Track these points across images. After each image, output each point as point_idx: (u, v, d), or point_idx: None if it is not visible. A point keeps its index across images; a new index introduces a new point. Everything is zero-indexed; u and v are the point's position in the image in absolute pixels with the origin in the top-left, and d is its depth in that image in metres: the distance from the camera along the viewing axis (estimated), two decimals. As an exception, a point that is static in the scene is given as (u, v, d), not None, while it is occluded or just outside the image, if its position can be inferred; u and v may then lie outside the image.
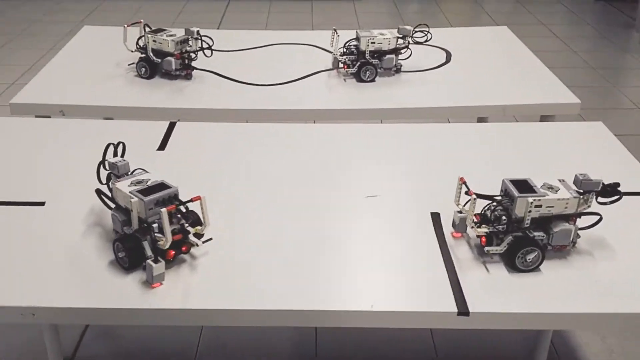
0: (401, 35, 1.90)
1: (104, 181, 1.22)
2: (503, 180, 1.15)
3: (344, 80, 1.90)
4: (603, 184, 1.13)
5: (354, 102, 1.79)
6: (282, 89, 1.86)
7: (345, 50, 1.91)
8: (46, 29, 4.86)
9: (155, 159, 1.48)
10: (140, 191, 1.12)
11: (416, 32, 1.97)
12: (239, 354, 1.89)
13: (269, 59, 2.09)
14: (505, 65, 2.03)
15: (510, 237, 1.12)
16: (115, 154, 1.25)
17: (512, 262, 1.11)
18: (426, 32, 2.02)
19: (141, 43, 1.93)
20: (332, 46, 1.92)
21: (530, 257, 1.10)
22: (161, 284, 1.09)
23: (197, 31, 1.86)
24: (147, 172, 1.19)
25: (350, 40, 1.94)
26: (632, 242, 1.19)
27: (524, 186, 1.13)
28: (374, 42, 1.87)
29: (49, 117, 1.81)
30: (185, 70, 1.90)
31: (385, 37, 1.88)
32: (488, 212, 1.16)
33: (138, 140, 1.57)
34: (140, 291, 1.07)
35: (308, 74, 1.95)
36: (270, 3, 5.73)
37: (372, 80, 1.90)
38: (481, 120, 2.20)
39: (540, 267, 1.12)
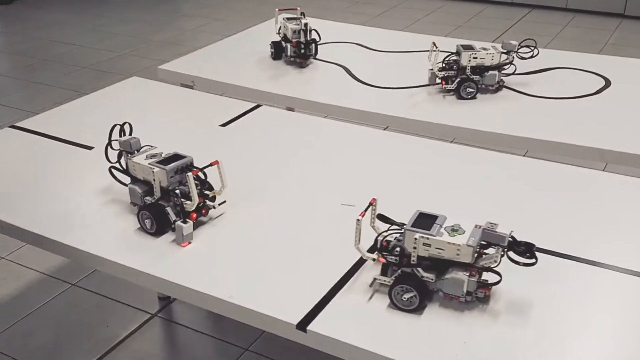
0: (505, 51, 1.76)
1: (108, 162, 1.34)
2: (416, 211, 1.07)
3: (443, 96, 1.82)
4: (512, 238, 0.99)
5: (448, 118, 1.70)
6: (379, 93, 1.85)
7: (444, 65, 1.82)
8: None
9: (206, 133, 1.63)
10: (159, 162, 1.23)
11: (521, 47, 1.80)
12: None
13: (399, 63, 2.08)
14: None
15: (399, 271, 1.04)
16: (122, 134, 1.32)
17: (390, 296, 1.04)
18: (532, 48, 1.83)
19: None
20: (430, 61, 1.84)
21: (406, 296, 1.02)
22: (190, 242, 1.20)
23: (306, 24, 1.95)
24: (154, 147, 1.30)
25: (450, 55, 1.84)
26: (558, 316, 1.01)
27: (426, 221, 1.03)
28: (475, 58, 1.76)
29: (191, 87, 2.06)
30: (299, 59, 2.00)
31: (488, 52, 1.76)
32: (392, 240, 1.08)
33: (212, 114, 1.73)
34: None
35: (417, 84, 1.90)
36: (574, 16, 5.41)
37: (473, 98, 1.79)
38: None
39: (425, 312, 1.03)
